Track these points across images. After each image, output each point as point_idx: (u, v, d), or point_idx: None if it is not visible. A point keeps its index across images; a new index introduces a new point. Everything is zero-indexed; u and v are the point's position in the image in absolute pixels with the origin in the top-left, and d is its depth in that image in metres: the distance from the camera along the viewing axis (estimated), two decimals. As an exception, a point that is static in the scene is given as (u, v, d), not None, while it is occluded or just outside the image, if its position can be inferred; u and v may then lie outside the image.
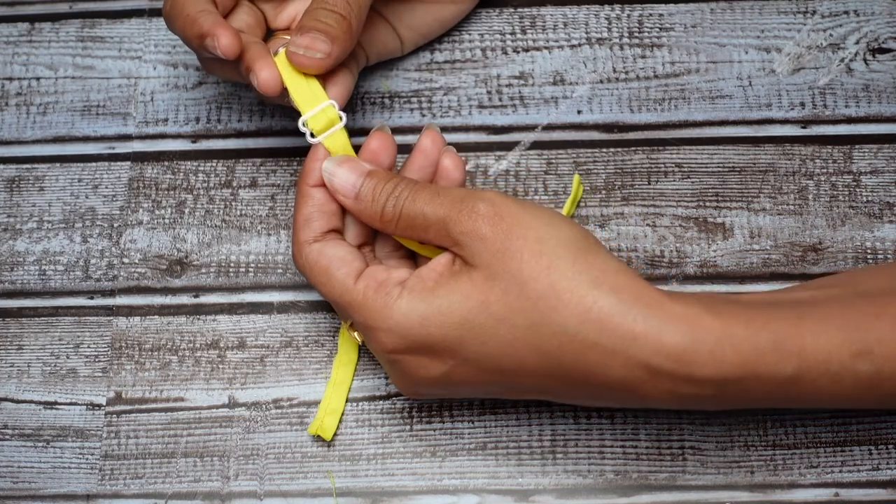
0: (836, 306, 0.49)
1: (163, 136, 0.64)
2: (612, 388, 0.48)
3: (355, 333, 0.54)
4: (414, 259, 0.55)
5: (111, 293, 0.61)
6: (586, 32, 0.64)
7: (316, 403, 0.58)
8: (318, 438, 0.58)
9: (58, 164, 0.63)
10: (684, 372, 0.47)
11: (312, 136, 0.53)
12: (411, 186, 0.51)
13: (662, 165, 0.61)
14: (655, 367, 0.47)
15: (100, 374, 0.59)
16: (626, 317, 0.46)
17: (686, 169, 0.61)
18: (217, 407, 0.58)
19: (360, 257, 0.52)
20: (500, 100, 0.63)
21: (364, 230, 0.54)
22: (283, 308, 0.60)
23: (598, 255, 0.48)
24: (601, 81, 0.63)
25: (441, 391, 0.52)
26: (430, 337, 0.48)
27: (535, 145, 0.62)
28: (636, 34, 0.64)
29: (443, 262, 0.50)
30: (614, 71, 0.64)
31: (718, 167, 0.61)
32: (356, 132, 0.63)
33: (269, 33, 0.58)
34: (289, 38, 0.55)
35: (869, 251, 0.59)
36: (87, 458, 0.58)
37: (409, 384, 0.51)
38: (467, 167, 0.61)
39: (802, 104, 0.62)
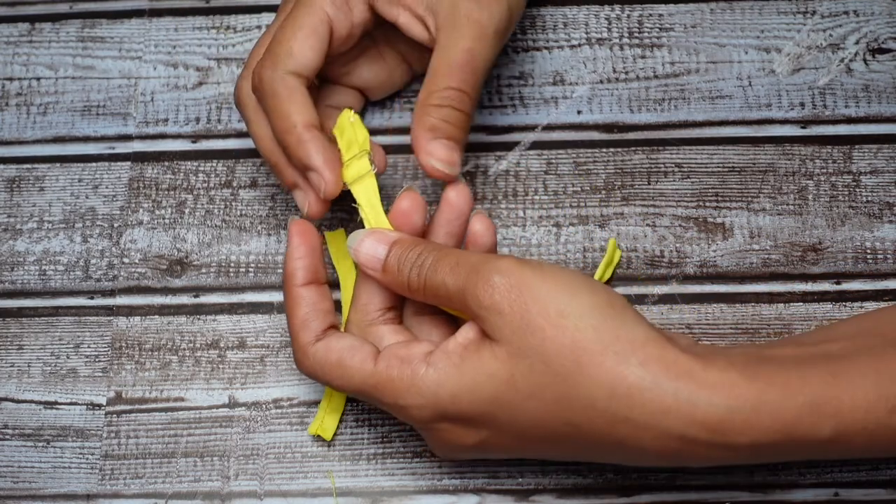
0: (869, 361, 0.47)
1: (163, 136, 0.64)
2: (645, 455, 0.47)
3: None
4: (443, 316, 0.53)
5: (111, 293, 0.61)
6: (586, 32, 0.64)
7: (316, 403, 0.58)
8: (318, 438, 0.58)
9: (58, 164, 0.63)
10: (720, 441, 0.45)
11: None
12: (435, 254, 0.49)
13: (662, 165, 0.61)
14: (691, 438, 0.45)
15: (100, 374, 0.59)
16: (657, 391, 0.45)
17: (686, 169, 0.61)
18: (217, 407, 0.58)
19: (368, 342, 0.51)
20: (500, 100, 0.63)
21: (391, 294, 0.52)
22: (283, 308, 0.60)
23: (625, 324, 0.46)
24: (601, 81, 0.63)
25: (479, 454, 0.51)
26: (463, 412, 0.48)
27: (535, 145, 0.62)
28: (636, 34, 0.64)
29: (467, 335, 0.48)
30: (614, 71, 0.64)
31: (718, 167, 0.61)
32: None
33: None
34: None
35: (869, 251, 0.59)
36: (87, 458, 0.58)
37: (446, 450, 0.51)
38: (467, 167, 0.61)
39: (802, 104, 0.62)
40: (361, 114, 0.62)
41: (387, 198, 0.55)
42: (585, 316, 0.46)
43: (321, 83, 0.58)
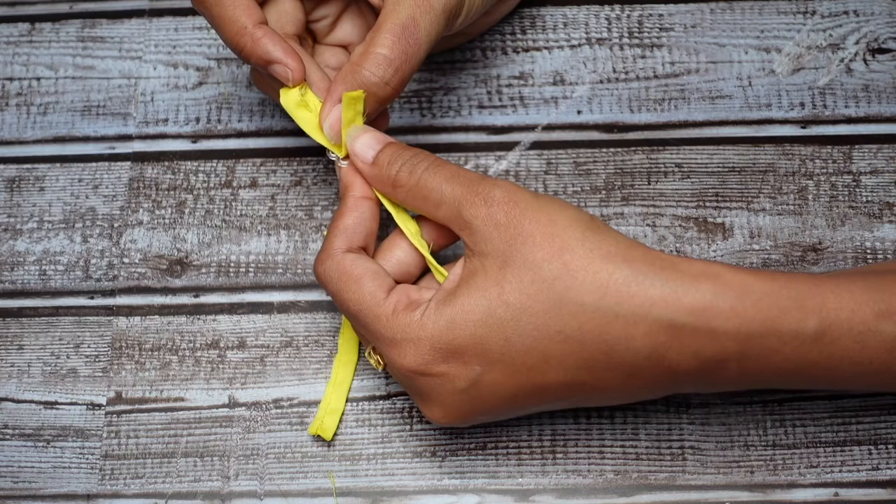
0: (857, 274, 0.49)
1: (163, 136, 0.64)
2: (638, 365, 0.48)
3: (377, 357, 0.52)
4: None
5: (111, 293, 0.61)
6: (586, 32, 0.64)
7: (316, 403, 0.58)
8: (318, 438, 0.58)
9: (58, 164, 0.63)
10: (707, 328, 0.46)
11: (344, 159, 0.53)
12: (431, 160, 0.51)
13: (662, 165, 0.61)
14: (679, 326, 0.46)
15: (100, 374, 0.59)
16: (643, 284, 0.47)
17: (686, 169, 0.61)
18: (217, 407, 0.58)
19: (391, 276, 0.52)
20: (500, 100, 0.63)
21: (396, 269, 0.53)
22: (283, 308, 0.60)
23: (609, 233, 0.49)
24: (601, 81, 0.63)
25: (470, 412, 0.50)
26: (456, 340, 0.48)
27: (535, 145, 0.62)
28: (636, 34, 0.64)
29: (458, 270, 0.50)
30: (614, 71, 0.64)
31: (718, 167, 0.61)
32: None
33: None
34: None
35: (869, 251, 0.59)
36: (87, 458, 0.58)
37: (438, 405, 0.50)
38: (467, 167, 0.62)
39: (802, 104, 0.62)
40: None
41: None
42: (573, 226, 0.48)
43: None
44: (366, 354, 0.53)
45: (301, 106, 0.54)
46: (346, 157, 0.53)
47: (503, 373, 0.49)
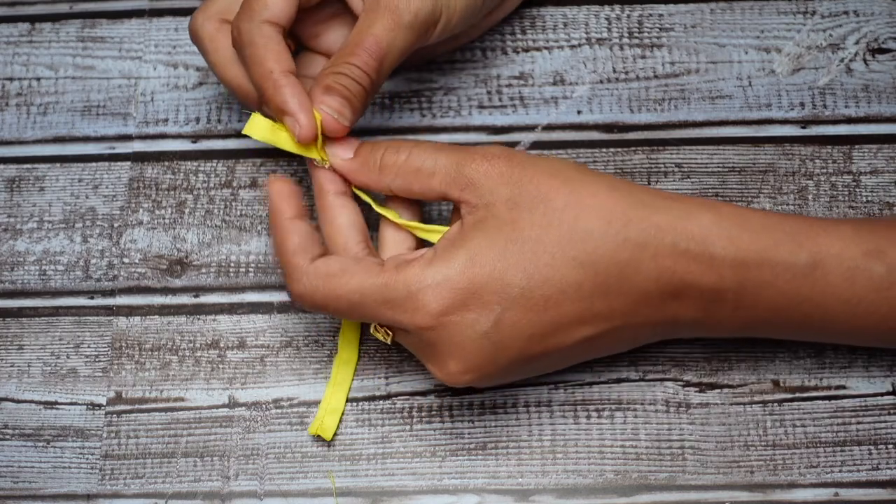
0: (848, 219, 0.52)
1: (163, 136, 0.64)
2: (647, 290, 0.50)
3: (385, 330, 0.52)
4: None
5: (111, 293, 0.61)
6: (586, 32, 0.64)
7: (316, 403, 0.58)
8: (318, 438, 0.58)
9: (58, 164, 0.63)
10: (707, 253, 0.49)
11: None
12: (412, 143, 0.52)
13: (662, 165, 0.61)
14: (681, 251, 0.49)
15: (100, 374, 0.59)
16: (649, 209, 0.50)
17: (686, 169, 0.61)
18: (217, 407, 0.58)
19: (376, 257, 0.52)
20: (500, 100, 0.63)
21: (361, 223, 0.53)
22: (283, 308, 0.60)
23: (608, 174, 0.52)
24: (601, 81, 0.63)
25: (490, 361, 0.50)
26: (477, 277, 0.49)
27: (535, 145, 0.62)
28: (636, 34, 0.64)
29: (456, 228, 0.51)
30: (614, 71, 0.64)
31: (718, 167, 0.61)
32: (357, 132, 0.62)
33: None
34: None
35: (869, 251, 0.59)
36: (87, 458, 0.58)
37: (457, 357, 0.50)
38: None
39: (802, 104, 0.62)
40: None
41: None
42: (574, 166, 0.51)
43: (295, 53, 0.59)
44: (371, 331, 0.53)
45: (277, 128, 0.54)
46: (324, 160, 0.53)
47: (523, 308, 0.49)
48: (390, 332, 0.52)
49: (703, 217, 0.50)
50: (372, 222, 0.55)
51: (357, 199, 0.54)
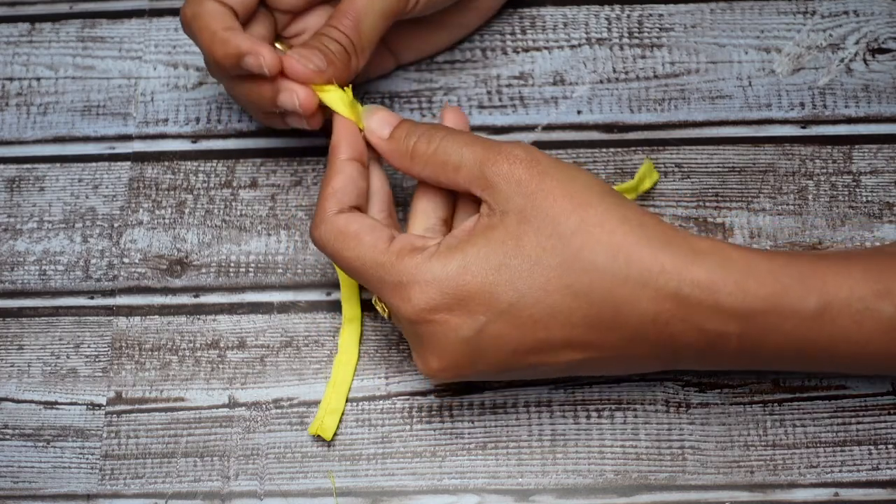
0: (857, 255, 0.50)
1: (163, 136, 0.64)
2: (642, 330, 0.49)
3: (383, 304, 0.52)
4: None
5: (111, 293, 0.61)
6: (586, 32, 0.64)
7: (316, 403, 0.58)
8: (318, 438, 0.58)
9: (58, 164, 0.63)
10: (711, 301, 0.48)
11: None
12: (447, 130, 0.52)
13: (662, 165, 0.61)
14: (684, 297, 0.48)
15: (100, 374, 0.59)
16: (654, 250, 0.48)
17: (686, 169, 0.61)
18: (217, 407, 0.58)
19: (388, 228, 0.52)
20: (500, 100, 0.63)
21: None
22: (283, 308, 0.60)
23: (624, 199, 0.50)
24: (601, 81, 0.63)
25: (468, 364, 0.50)
26: (467, 286, 0.49)
27: (535, 146, 0.62)
28: (636, 34, 0.64)
29: (469, 224, 0.51)
30: (614, 71, 0.64)
31: (718, 167, 0.61)
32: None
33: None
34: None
35: (869, 251, 0.59)
36: (87, 458, 0.58)
37: (437, 355, 0.50)
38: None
39: (802, 104, 0.62)
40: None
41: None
42: (592, 187, 0.50)
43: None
44: (373, 301, 0.53)
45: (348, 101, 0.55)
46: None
47: (508, 324, 0.49)
48: (386, 309, 0.52)
49: (709, 262, 0.48)
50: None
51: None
